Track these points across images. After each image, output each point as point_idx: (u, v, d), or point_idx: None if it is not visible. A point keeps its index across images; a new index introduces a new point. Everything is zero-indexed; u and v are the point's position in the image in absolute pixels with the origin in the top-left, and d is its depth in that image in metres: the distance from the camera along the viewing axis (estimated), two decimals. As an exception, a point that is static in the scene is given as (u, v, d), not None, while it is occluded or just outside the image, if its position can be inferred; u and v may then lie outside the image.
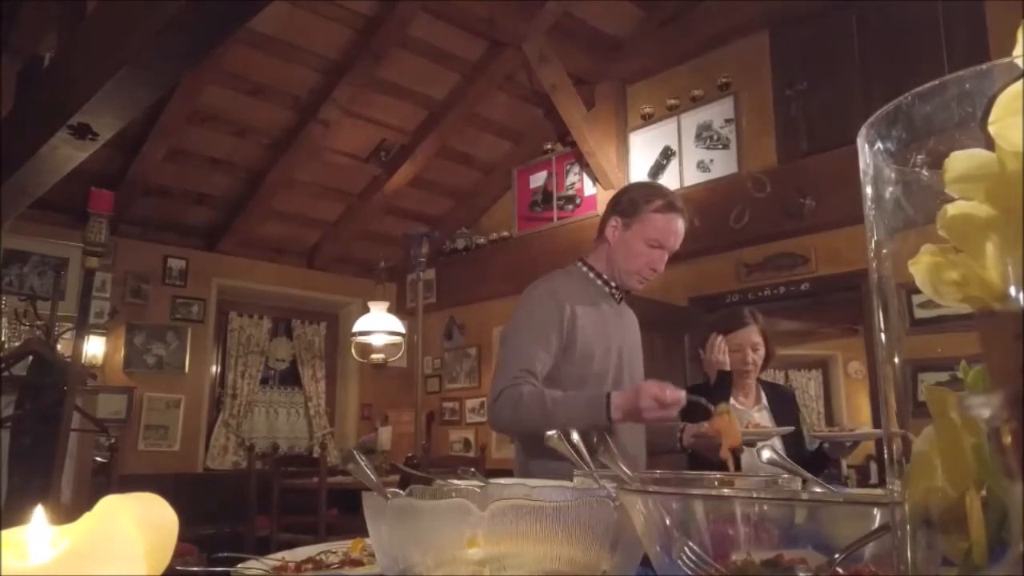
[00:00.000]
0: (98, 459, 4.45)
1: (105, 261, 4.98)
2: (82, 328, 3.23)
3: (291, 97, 5.44)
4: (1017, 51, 0.33)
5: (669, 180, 5.27)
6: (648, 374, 2.19)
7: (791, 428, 2.38)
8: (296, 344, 7.04)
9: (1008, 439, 0.17)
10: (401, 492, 0.67)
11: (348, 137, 5.84)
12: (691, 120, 5.32)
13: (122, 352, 5.82)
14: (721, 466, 1.99)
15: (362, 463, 0.68)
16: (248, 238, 6.39)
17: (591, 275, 2.07)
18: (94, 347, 5.55)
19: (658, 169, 5.44)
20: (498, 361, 1.96)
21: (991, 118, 0.32)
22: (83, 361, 4.32)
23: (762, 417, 2.54)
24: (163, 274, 6.09)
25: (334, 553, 0.90)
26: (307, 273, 6.89)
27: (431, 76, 5.57)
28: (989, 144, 0.33)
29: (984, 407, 0.17)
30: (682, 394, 1.80)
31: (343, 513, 5.02)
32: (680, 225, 2.00)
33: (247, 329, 6.68)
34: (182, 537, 0.40)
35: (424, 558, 0.58)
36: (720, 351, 2.46)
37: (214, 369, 6.47)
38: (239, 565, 0.82)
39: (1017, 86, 0.32)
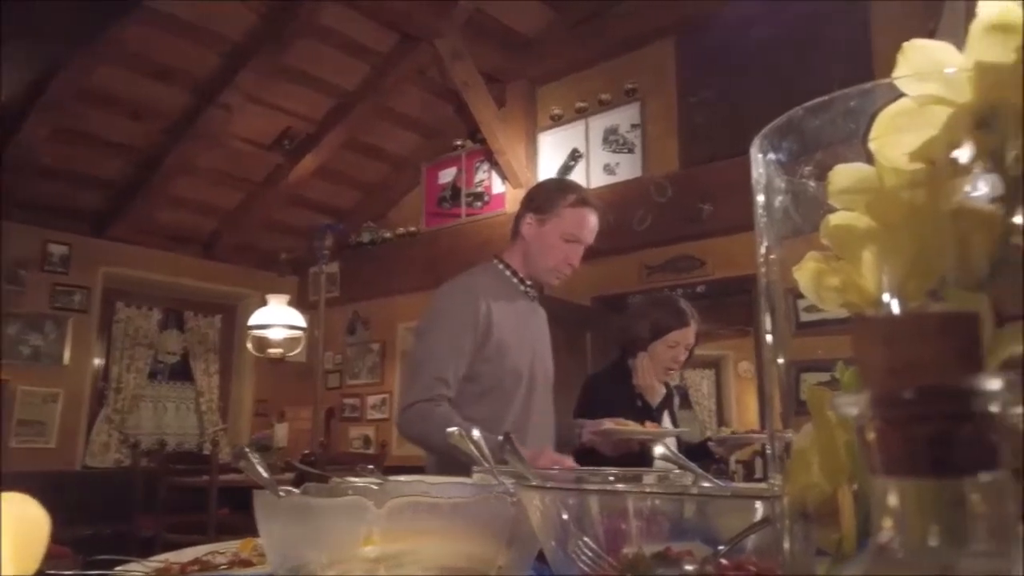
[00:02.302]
0: (-37, 456, 4.13)
1: (-23, 243, 4.63)
2: (-52, 315, 2.99)
3: (191, 80, 5.21)
4: (896, 73, 0.35)
5: (576, 181, 5.35)
6: (556, 371, 2.21)
7: (687, 429, 2.44)
8: (188, 337, 6.76)
9: (872, 436, 0.18)
10: (295, 490, 0.65)
11: (251, 124, 5.64)
12: (599, 123, 5.43)
13: (-6, 342, 5.43)
14: (618, 462, 2.04)
15: (254, 460, 0.66)
16: (141, 225, 6.07)
17: (507, 272, 2.07)
18: (-38, 336, 5.15)
19: (566, 170, 5.52)
20: (411, 364, 1.96)
21: (872, 135, 0.34)
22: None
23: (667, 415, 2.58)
24: (43, 260, 5.71)
25: (222, 553, 0.86)
26: (203, 263, 6.61)
27: (340, 66, 5.45)
28: (870, 159, 0.35)
29: (852, 406, 0.18)
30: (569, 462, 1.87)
31: (235, 512, 4.86)
32: (594, 219, 2.04)
33: (135, 320, 6.37)
34: (57, 538, 0.37)
35: (318, 557, 0.57)
36: (650, 375, 2.44)
37: (97, 362, 6.12)
38: (118, 568, 0.78)
39: (896, 106, 0.34)
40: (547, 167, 5.65)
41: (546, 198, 2.04)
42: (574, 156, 5.51)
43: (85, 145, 5.38)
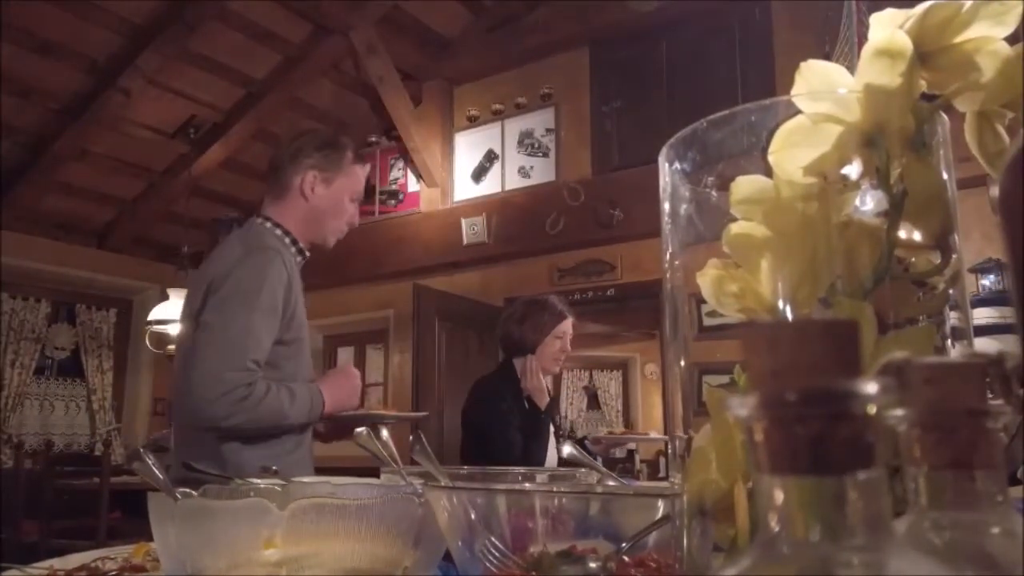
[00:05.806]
0: None
1: None
2: None
3: (87, 60, 4.93)
4: (794, 91, 0.37)
5: (491, 183, 5.40)
6: (465, 371, 2.21)
7: (425, 414, 2.33)
8: (80, 331, 6.39)
9: (758, 436, 0.19)
10: (193, 492, 0.63)
11: (153, 109, 5.39)
12: (514, 126, 5.47)
13: None
14: None
15: (149, 461, 0.63)
16: (28, 211, 5.69)
17: (287, 240, 1.77)
18: None
19: (481, 171, 5.54)
20: (224, 335, 1.58)
21: (771, 149, 0.36)
22: None
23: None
24: (-84, 246, 5.29)
25: (113, 559, 0.82)
26: (97, 254, 6.26)
27: (250, 54, 5.27)
28: (769, 172, 0.36)
29: (742, 407, 0.19)
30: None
31: (127, 517, 4.64)
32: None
33: (21, 313, 5.98)
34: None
35: (216, 561, 0.55)
36: (538, 375, 2.50)
37: (-23, 357, 5.72)
38: (-4, 577, 0.73)
39: (792, 122, 0.36)
40: (463, 167, 5.65)
41: (325, 155, 1.81)
42: (490, 157, 5.53)
43: (-34, 124, 5.02)
